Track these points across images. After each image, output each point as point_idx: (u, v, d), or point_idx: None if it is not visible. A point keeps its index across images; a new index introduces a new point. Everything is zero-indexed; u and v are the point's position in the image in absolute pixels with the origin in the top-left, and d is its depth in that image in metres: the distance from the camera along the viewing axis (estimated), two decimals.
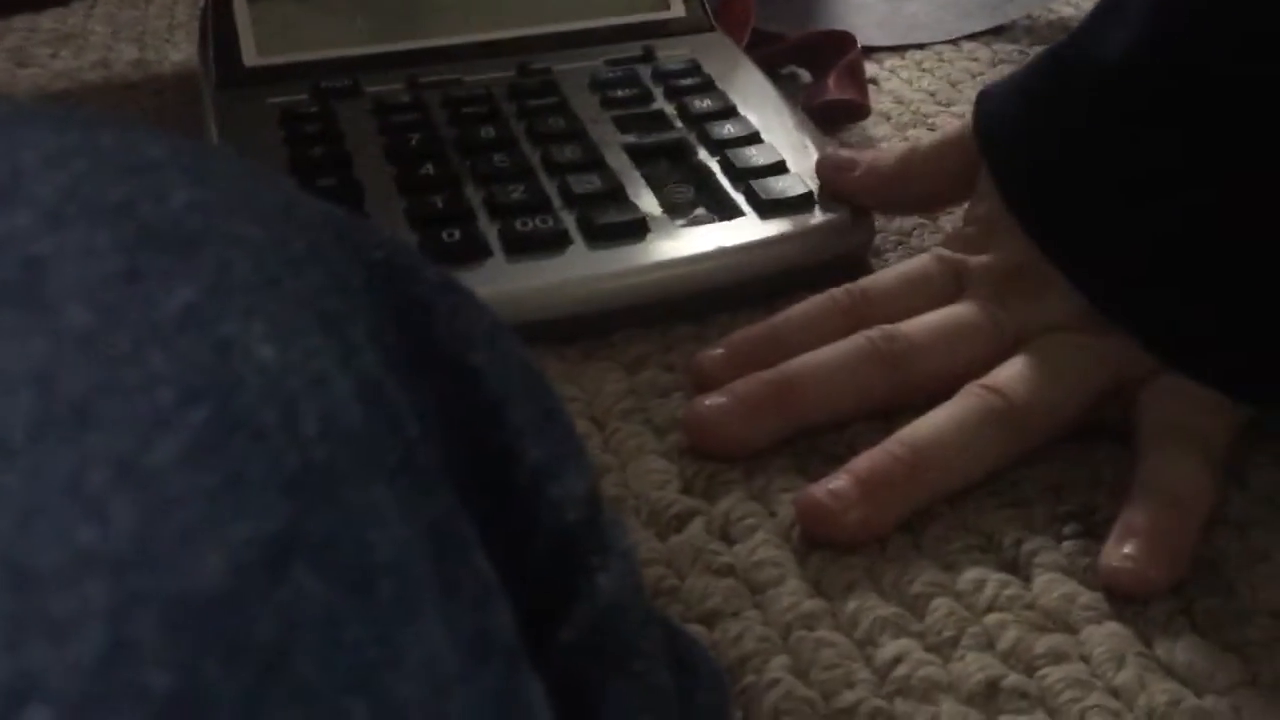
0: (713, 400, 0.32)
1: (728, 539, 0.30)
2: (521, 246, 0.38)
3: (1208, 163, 0.31)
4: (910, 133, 0.50)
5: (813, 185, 0.40)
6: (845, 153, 0.41)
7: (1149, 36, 0.32)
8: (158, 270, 0.14)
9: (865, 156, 0.40)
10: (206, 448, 0.12)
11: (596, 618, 0.17)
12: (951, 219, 0.42)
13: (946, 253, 0.37)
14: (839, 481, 0.30)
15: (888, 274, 0.37)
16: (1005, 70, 0.37)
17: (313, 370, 0.14)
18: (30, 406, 0.12)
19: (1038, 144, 0.35)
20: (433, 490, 0.15)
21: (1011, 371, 0.32)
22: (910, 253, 0.41)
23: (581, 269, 0.38)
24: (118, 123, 0.16)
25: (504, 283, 0.37)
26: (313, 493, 0.13)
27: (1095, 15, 0.34)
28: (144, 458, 0.12)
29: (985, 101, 0.37)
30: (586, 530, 0.18)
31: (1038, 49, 0.37)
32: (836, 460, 0.31)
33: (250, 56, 0.46)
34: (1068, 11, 0.63)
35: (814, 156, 0.42)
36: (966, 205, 0.38)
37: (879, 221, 0.42)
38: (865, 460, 0.30)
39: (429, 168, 0.41)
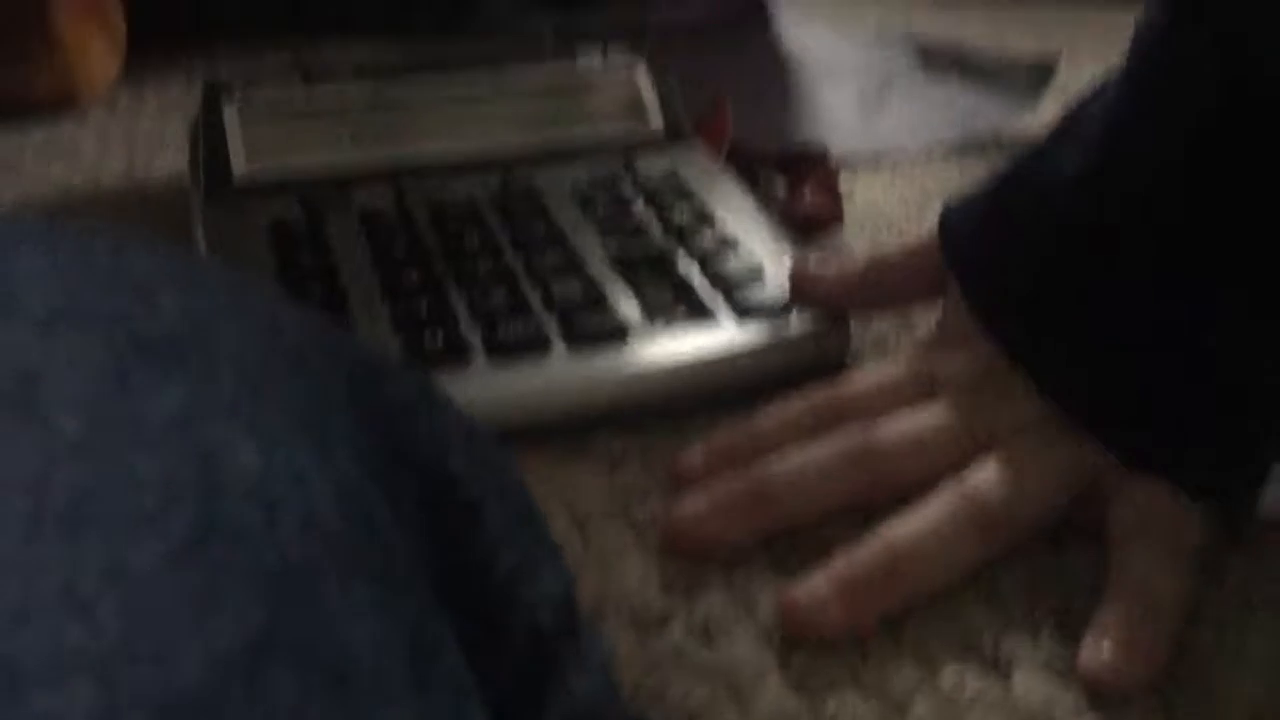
0: (691, 501, 0.33)
1: (709, 639, 0.30)
2: (504, 350, 0.38)
3: (1157, 274, 0.32)
4: (882, 239, 0.52)
5: (789, 292, 0.41)
6: (816, 259, 0.42)
7: (1098, 158, 0.33)
8: (145, 379, 0.14)
9: (835, 262, 0.41)
10: (189, 550, 0.13)
11: None
12: (927, 323, 0.43)
13: (919, 357, 0.38)
14: (818, 584, 0.30)
15: (863, 377, 0.38)
16: (973, 183, 0.39)
17: (293, 474, 0.14)
18: (24, 512, 0.12)
19: (998, 256, 0.36)
20: (408, 591, 0.15)
21: (985, 473, 0.33)
22: (885, 357, 0.42)
23: (563, 373, 0.38)
24: (110, 235, 0.17)
25: (486, 386, 0.37)
26: (290, 593, 0.13)
27: (1052, 134, 0.36)
28: (130, 560, 0.12)
29: (949, 213, 0.38)
30: (562, 633, 0.18)
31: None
32: (814, 557, 0.31)
33: (240, 168, 0.47)
34: (1035, 129, 0.65)
35: (790, 264, 0.43)
36: (939, 310, 0.39)
37: (855, 327, 0.42)
38: (844, 560, 0.31)
39: (413, 274, 0.42)
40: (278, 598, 0.13)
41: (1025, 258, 0.35)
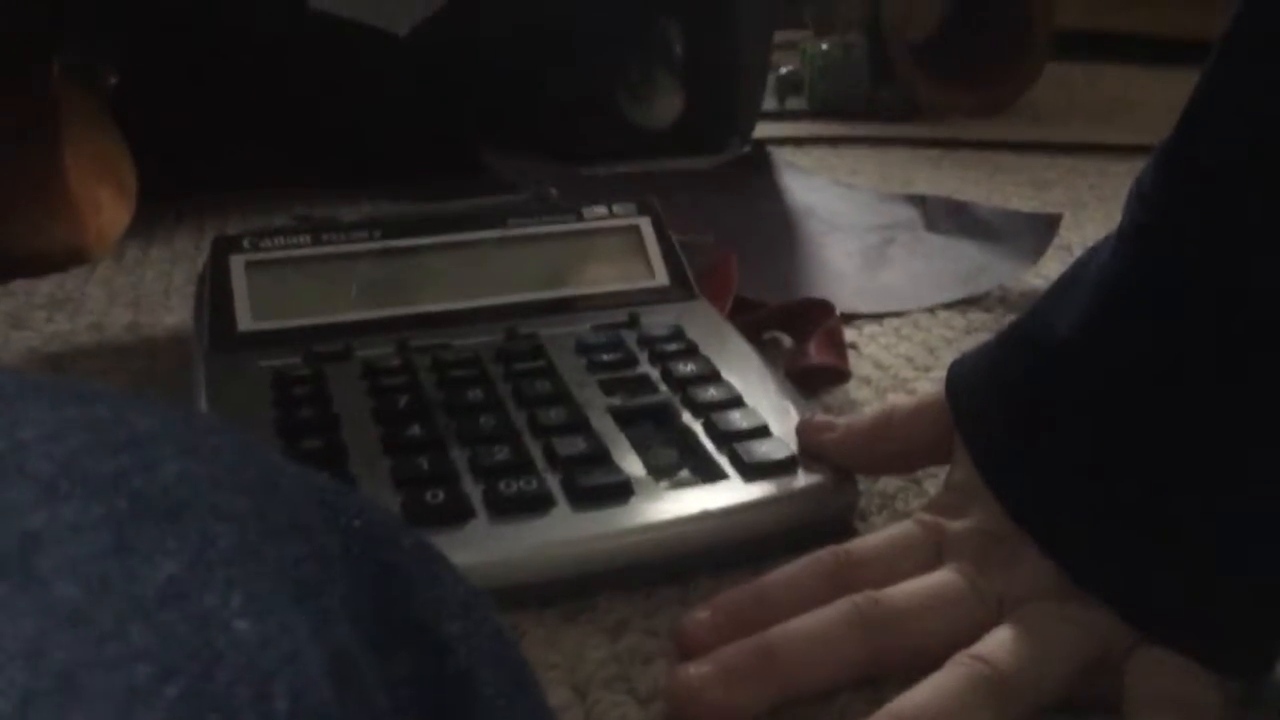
0: (697, 668, 0.32)
1: None
2: (505, 508, 0.38)
3: (1153, 442, 0.32)
4: (890, 396, 0.51)
5: (795, 449, 0.41)
6: (823, 416, 0.42)
7: (1088, 323, 0.33)
8: (144, 543, 0.14)
9: (843, 420, 0.41)
10: None
11: None
12: (935, 482, 0.42)
13: (928, 518, 0.37)
14: None
15: (872, 539, 0.37)
16: (979, 338, 0.39)
17: (286, 646, 0.14)
18: (19, 679, 0.12)
19: (1004, 415, 0.36)
20: None
21: (998, 642, 0.32)
22: (894, 516, 0.41)
23: (565, 531, 0.37)
24: (112, 395, 0.17)
25: (487, 544, 0.36)
26: None
27: (1049, 293, 0.36)
28: None
29: (956, 371, 0.38)
30: None
31: (1010, 318, 0.39)
32: None
33: (245, 321, 0.47)
34: (1038, 283, 0.65)
35: (796, 420, 0.42)
36: (948, 470, 0.38)
37: (863, 485, 0.42)
38: None
39: (415, 429, 0.41)
40: None
41: (1028, 420, 0.35)
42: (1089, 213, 0.83)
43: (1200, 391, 0.32)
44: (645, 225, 0.54)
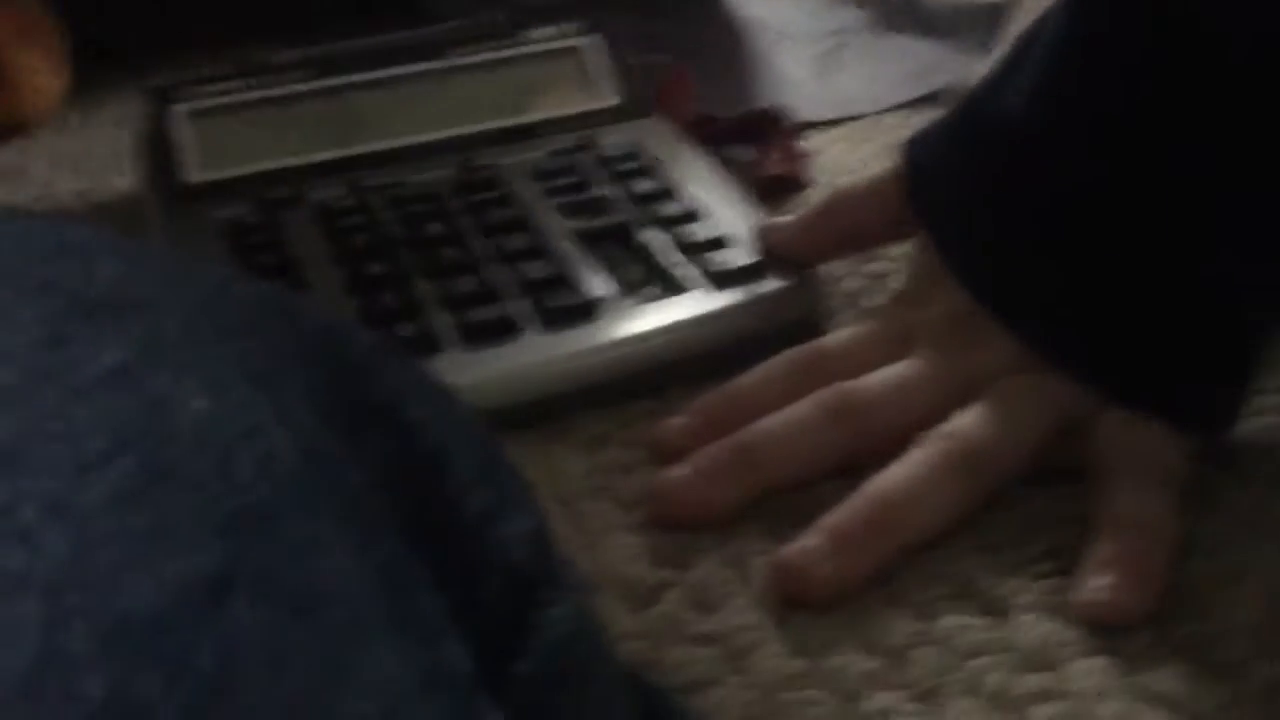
0: (676, 471, 0.32)
1: (704, 607, 0.30)
2: (476, 336, 0.38)
3: (1115, 210, 0.32)
4: None
5: (759, 255, 0.41)
6: (778, 217, 0.42)
7: (1041, 93, 0.33)
8: (84, 336, 0.14)
9: (795, 214, 0.41)
10: (136, 492, 0.12)
11: (551, 650, 0.17)
12: (898, 278, 0.43)
13: (894, 310, 0.37)
14: (809, 540, 0.30)
15: (839, 335, 0.37)
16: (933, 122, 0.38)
17: (248, 422, 0.14)
18: None
19: (962, 198, 0.35)
20: (378, 534, 0.15)
21: (966, 419, 0.32)
22: (861, 314, 0.42)
23: (538, 353, 0.38)
24: (43, 215, 0.17)
25: (461, 373, 0.37)
26: (250, 532, 0.13)
27: (1000, 69, 0.36)
28: (74, 499, 0.12)
29: (911, 153, 0.37)
30: (535, 567, 0.18)
31: None
32: (806, 520, 0.31)
33: (192, 173, 0.46)
34: None
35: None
36: (910, 260, 0.39)
37: (828, 286, 0.42)
38: (833, 517, 0.30)
39: (378, 267, 0.41)
40: (237, 535, 0.12)
41: (986, 199, 0.35)
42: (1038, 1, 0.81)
43: (1164, 150, 0.31)
44: (594, 44, 0.53)
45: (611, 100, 0.52)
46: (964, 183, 0.35)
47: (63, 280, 0.15)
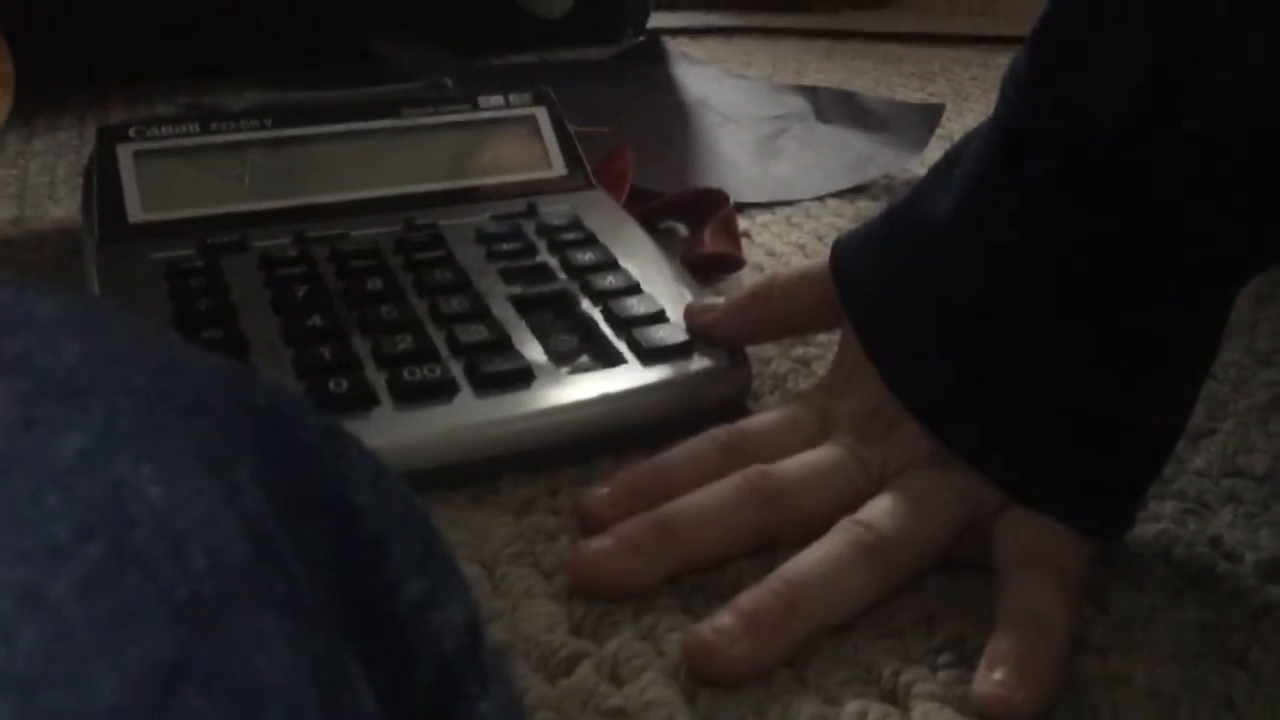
0: (597, 543, 0.33)
1: (617, 680, 0.30)
2: (409, 395, 0.38)
3: (1024, 316, 0.34)
4: None
5: (691, 334, 0.42)
6: (708, 299, 0.43)
7: (963, 204, 0.35)
8: (52, 419, 0.15)
9: (726, 297, 0.43)
10: (102, 580, 0.13)
11: None
12: (823, 364, 0.44)
13: (816, 396, 0.39)
14: (723, 619, 0.31)
15: (763, 417, 0.39)
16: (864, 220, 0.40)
17: (200, 510, 0.15)
18: None
19: (883, 291, 0.37)
20: (316, 624, 0.16)
21: (878, 508, 0.34)
22: (785, 396, 0.43)
23: (469, 416, 0.38)
24: (8, 282, 0.17)
25: (392, 431, 0.37)
26: (202, 622, 0.13)
27: (929, 176, 0.38)
28: (45, 588, 0.13)
29: (840, 247, 0.39)
30: (467, 659, 0.18)
31: None
32: (721, 598, 0.32)
33: (135, 212, 0.46)
34: (922, 172, 0.67)
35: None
36: (834, 352, 0.40)
37: (755, 368, 0.43)
38: (747, 598, 0.31)
39: (316, 319, 0.41)
40: (189, 626, 0.13)
41: (908, 298, 0.36)
42: (971, 103, 0.85)
43: (1064, 273, 0.34)
44: (541, 114, 0.54)
45: (555, 170, 0.53)
46: (887, 281, 0.37)
47: (31, 357, 0.15)
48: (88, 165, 0.48)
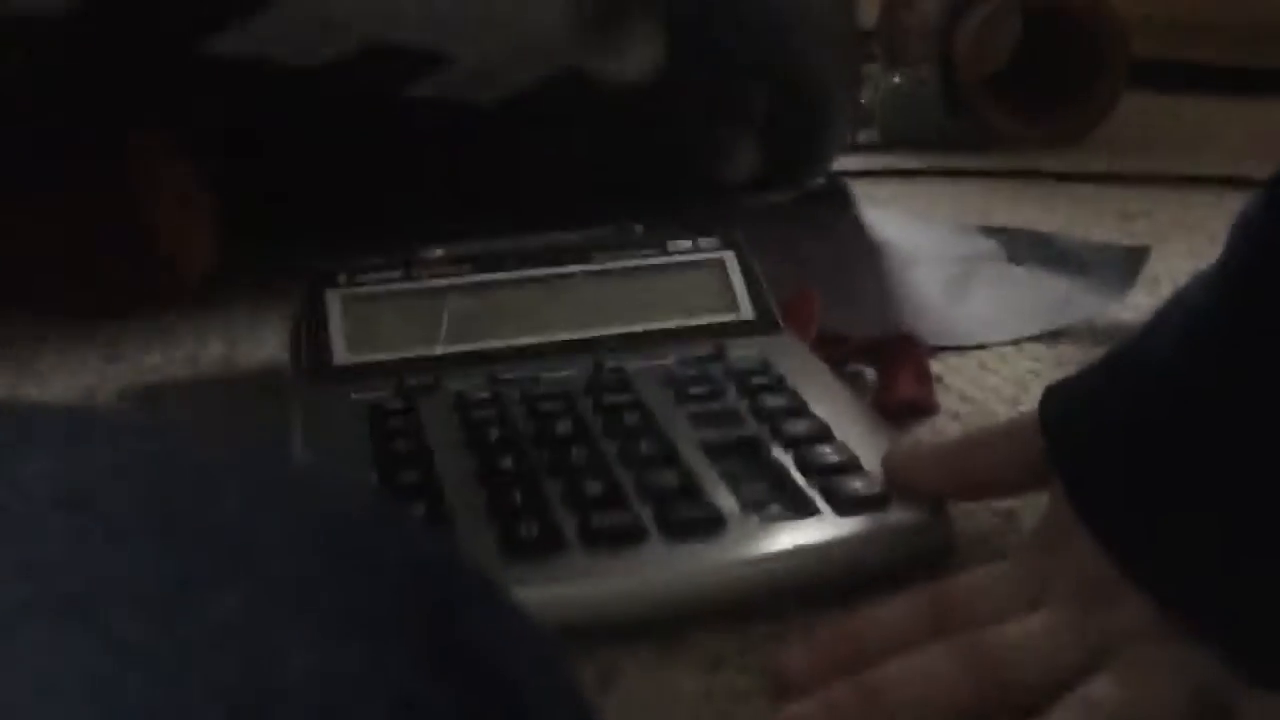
0: (802, 709, 0.32)
1: None
2: (599, 540, 0.38)
3: (1259, 476, 0.31)
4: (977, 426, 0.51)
5: (888, 483, 0.41)
6: (909, 442, 0.41)
7: (1190, 350, 0.33)
8: (206, 579, 0.15)
9: (930, 445, 0.41)
10: None
11: None
12: (1030, 519, 0.42)
13: (1026, 555, 0.36)
14: None
15: (968, 577, 0.36)
16: (1067, 370, 0.38)
17: (348, 682, 0.15)
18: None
19: (1100, 447, 0.35)
20: None
21: (1106, 686, 0.31)
22: (989, 553, 0.41)
23: (659, 564, 0.37)
24: (172, 432, 0.18)
25: (582, 576, 0.37)
26: None
27: (1150, 322, 0.35)
28: None
29: (1050, 399, 0.37)
30: None
31: (1098, 350, 0.38)
32: None
33: (340, 355, 0.48)
34: (1127, 316, 0.64)
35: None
36: (1045, 507, 0.38)
37: (956, 523, 0.41)
38: None
39: (508, 460, 0.42)
40: None
41: (1126, 453, 0.34)
42: (1172, 245, 0.81)
43: None
44: (729, 258, 0.55)
45: (743, 313, 0.53)
46: (1103, 435, 0.35)
47: (191, 512, 0.16)
48: (297, 309, 0.50)
